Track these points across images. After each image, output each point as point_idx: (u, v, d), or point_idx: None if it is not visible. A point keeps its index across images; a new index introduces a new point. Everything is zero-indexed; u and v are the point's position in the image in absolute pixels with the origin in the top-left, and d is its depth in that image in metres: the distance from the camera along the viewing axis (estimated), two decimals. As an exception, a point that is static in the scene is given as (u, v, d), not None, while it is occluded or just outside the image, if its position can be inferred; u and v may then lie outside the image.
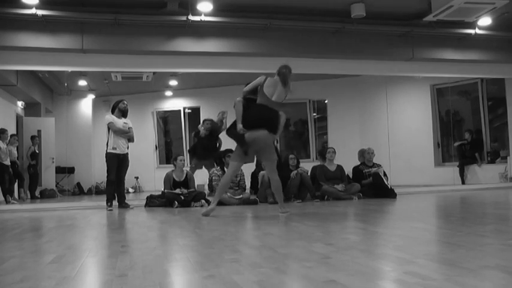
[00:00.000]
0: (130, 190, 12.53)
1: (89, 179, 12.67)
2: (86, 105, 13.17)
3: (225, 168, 6.96)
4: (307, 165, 7.78)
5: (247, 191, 7.16)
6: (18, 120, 10.94)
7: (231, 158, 5.12)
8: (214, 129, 8.00)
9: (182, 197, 6.56)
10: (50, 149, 11.47)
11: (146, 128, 13.38)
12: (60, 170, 12.05)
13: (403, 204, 6.00)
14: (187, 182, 6.94)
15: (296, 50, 8.05)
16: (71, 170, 12.37)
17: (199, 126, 8.28)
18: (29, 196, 10.31)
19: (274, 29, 7.76)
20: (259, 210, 5.55)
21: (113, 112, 6.68)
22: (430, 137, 11.43)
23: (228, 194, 6.72)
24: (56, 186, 11.74)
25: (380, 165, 7.52)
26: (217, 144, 8.07)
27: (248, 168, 6.51)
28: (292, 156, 7.27)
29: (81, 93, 12.87)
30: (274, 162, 5.01)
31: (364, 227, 3.74)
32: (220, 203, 6.46)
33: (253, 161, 5.71)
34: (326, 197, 6.95)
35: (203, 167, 8.10)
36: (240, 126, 4.77)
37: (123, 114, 6.70)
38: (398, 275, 1.88)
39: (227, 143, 6.42)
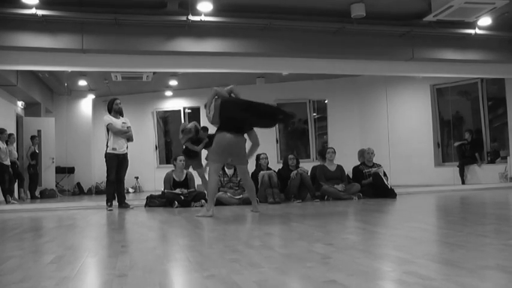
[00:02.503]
0: (131, 190, 12.54)
1: (89, 179, 12.68)
2: (86, 105, 13.19)
3: (225, 168, 6.96)
4: (307, 165, 7.78)
5: (247, 191, 7.14)
6: (18, 120, 10.95)
7: (210, 160, 5.08)
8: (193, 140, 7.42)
9: (182, 197, 6.57)
10: (50, 149, 11.48)
11: (146, 128, 13.38)
12: (60, 170, 12.07)
13: (403, 204, 6.00)
14: (187, 182, 6.95)
15: (296, 50, 8.05)
16: (71, 170, 12.39)
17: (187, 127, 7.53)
18: (29, 196, 10.32)
19: (274, 29, 7.76)
20: (259, 210, 5.54)
21: (109, 112, 6.68)
22: (430, 137, 11.42)
23: (228, 194, 6.73)
24: (56, 186, 11.75)
25: (380, 165, 7.52)
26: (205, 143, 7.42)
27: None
28: (292, 157, 7.27)
29: (81, 93, 12.89)
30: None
31: (364, 227, 3.74)
32: (220, 203, 6.48)
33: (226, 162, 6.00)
34: (326, 197, 6.95)
35: (190, 167, 7.56)
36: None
37: (120, 113, 6.71)
38: (398, 275, 1.88)
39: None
